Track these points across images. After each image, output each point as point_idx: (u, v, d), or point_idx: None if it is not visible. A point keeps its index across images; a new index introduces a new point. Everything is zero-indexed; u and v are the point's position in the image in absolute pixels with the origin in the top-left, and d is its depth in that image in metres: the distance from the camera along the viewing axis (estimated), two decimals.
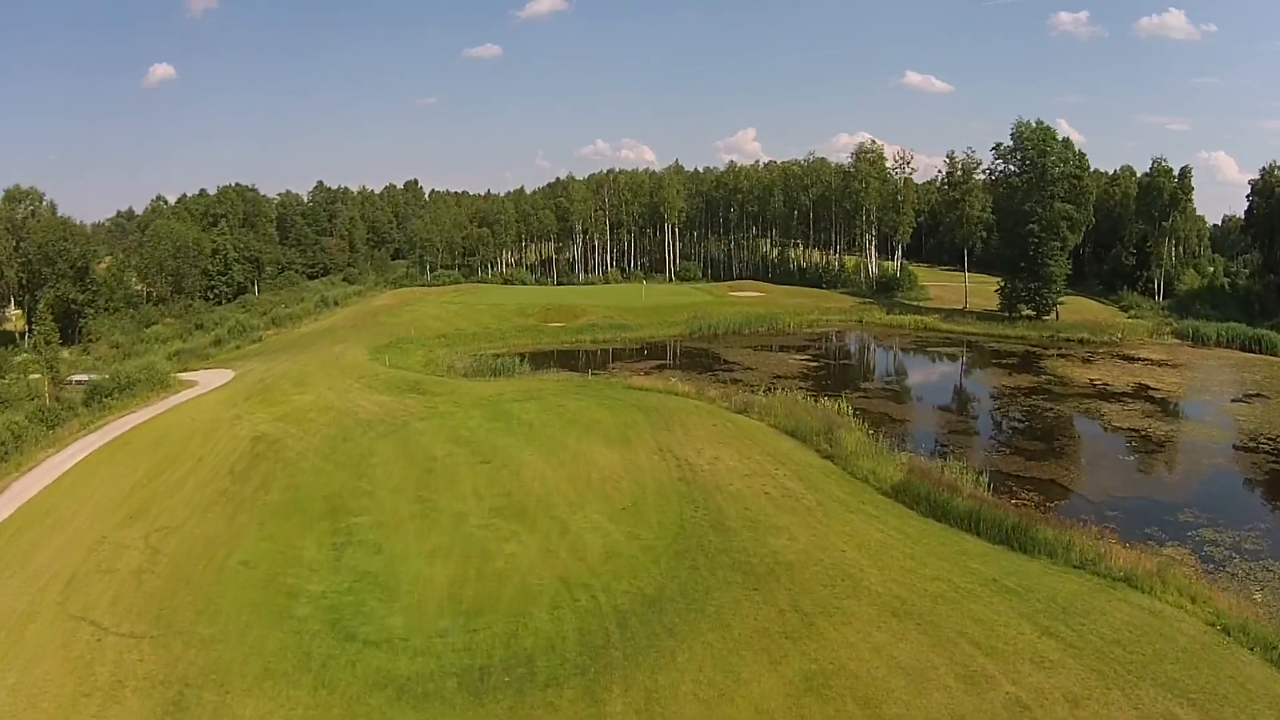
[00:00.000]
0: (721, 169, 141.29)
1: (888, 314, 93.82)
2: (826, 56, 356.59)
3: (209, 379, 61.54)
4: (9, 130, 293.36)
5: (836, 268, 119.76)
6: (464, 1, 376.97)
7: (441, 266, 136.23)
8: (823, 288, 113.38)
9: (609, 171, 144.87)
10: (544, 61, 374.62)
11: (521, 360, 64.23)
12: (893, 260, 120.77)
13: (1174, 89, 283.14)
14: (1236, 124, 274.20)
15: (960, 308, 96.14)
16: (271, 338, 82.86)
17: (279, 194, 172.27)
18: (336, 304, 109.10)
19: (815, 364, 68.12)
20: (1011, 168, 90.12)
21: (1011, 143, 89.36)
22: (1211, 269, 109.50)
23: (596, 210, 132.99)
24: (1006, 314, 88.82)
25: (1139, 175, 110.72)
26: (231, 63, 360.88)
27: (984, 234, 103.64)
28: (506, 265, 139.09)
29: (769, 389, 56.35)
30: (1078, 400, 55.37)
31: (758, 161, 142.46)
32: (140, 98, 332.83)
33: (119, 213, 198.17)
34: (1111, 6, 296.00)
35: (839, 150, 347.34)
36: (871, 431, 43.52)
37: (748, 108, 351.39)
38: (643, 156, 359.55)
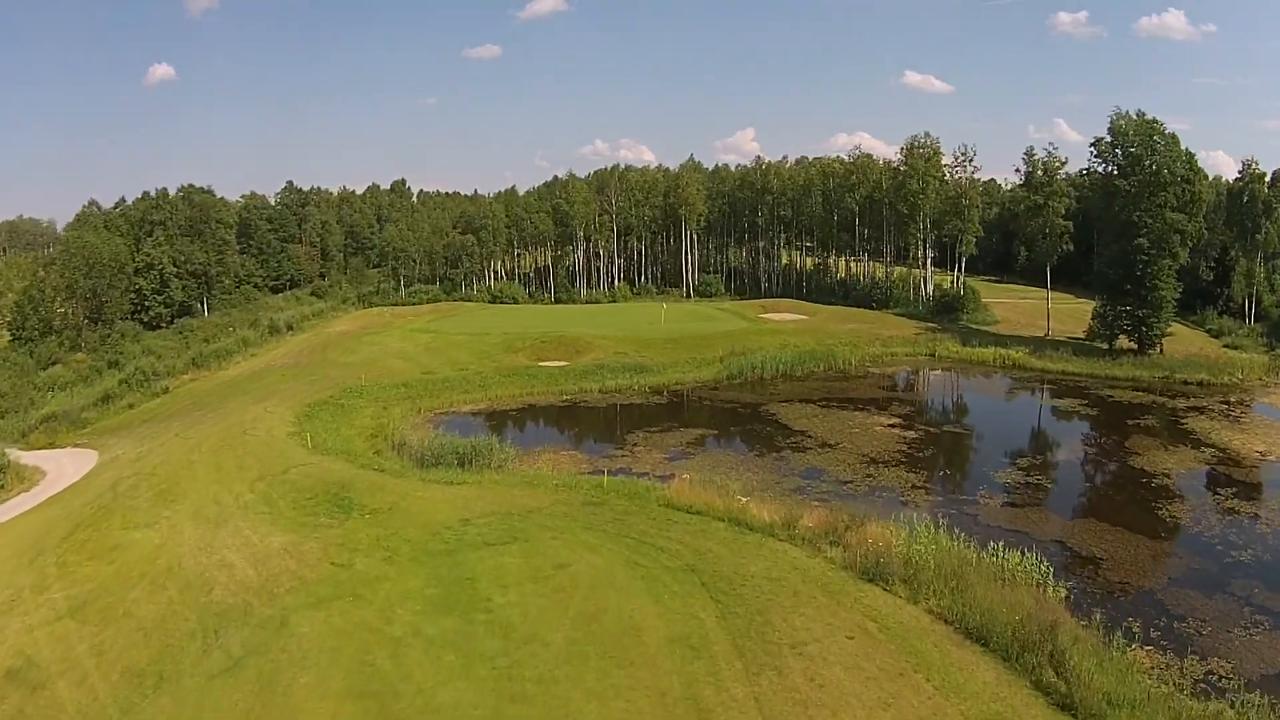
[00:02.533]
0: (747, 165, 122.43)
1: (962, 345, 75.66)
2: (825, 56, 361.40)
3: (61, 470, 43.18)
4: (11, 130, 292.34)
5: (888, 283, 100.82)
6: (464, 2, 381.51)
7: (420, 280, 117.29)
8: (872, 307, 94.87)
9: (614, 168, 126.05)
10: (544, 62, 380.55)
11: (503, 438, 45.49)
12: (951, 273, 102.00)
13: (1174, 89, 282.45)
14: (1237, 124, 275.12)
15: (1043, 335, 79.41)
16: (185, 386, 63.94)
17: (243, 195, 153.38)
18: (290, 329, 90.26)
19: (912, 433, 49.44)
20: (1113, 169, 72.74)
21: (1109, 138, 72.17)
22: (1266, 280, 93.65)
23: (601, 214, 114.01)
24: (1106, 346, 71.79)
25: (1214, 178, 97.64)
26: (231, 63, 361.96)
27: (1069, 245, 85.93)
28: (496, 277, 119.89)
29: (873, 493, 38.13)
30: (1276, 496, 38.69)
31: (785, 157, 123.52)
32: (140, 98, 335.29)
33: None
34: (1111, 7, 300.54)
35: (838, 150, 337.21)
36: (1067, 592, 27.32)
37: (746, 108, 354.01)
38: (641, 156, 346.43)
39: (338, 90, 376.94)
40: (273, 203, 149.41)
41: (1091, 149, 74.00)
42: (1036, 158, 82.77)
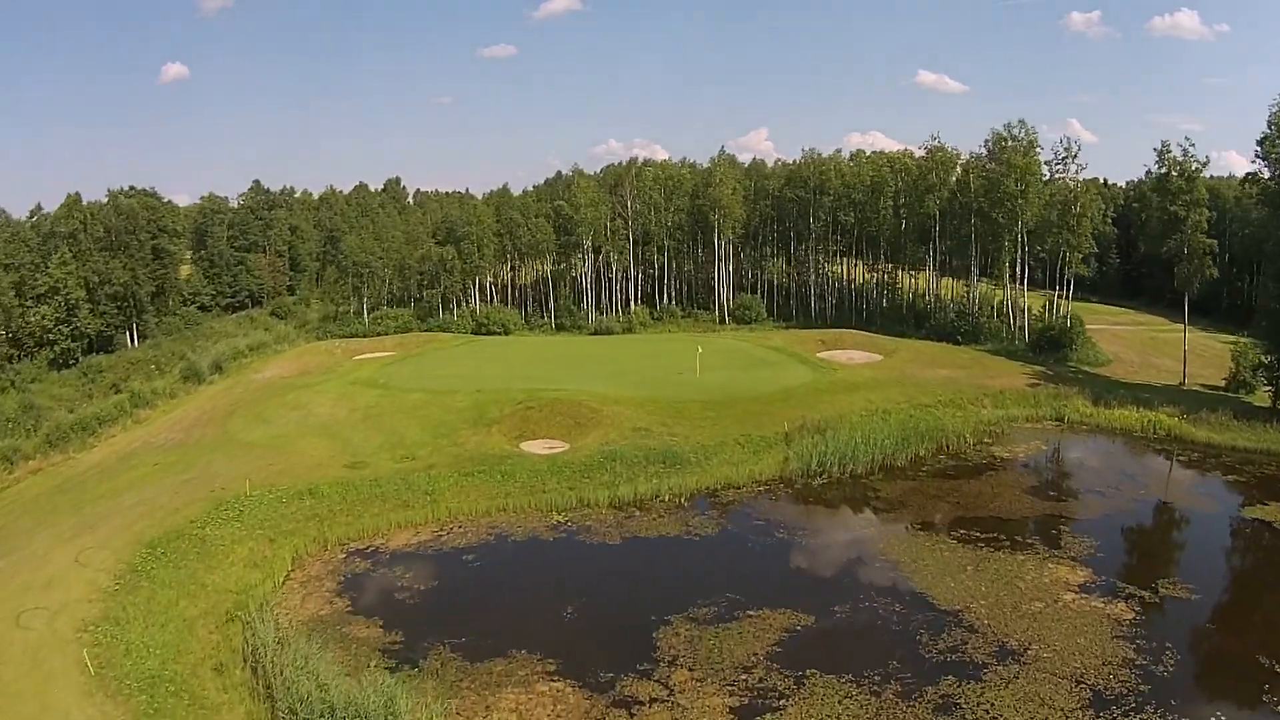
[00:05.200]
0: (792, 160, 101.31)
1: (1093, 404, 56.06)
2: (839, 56, 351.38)
3: None
4: (18, 129, 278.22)
5: (974, 309, 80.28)
6: (480, 1, 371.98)
7: (391, 300, 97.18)
8: (958, 341, 74.75)
9: (631, 163, 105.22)
10: (558, 61, 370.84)
11: (440, 634, 25.55)
12: (1047, 294, 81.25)
13: (1186, 89, 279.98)
14: (1248, 123, 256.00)
15: (1178, 383, 61.50)
16: (19, 484, 44.14)
17: (201, 198, 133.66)
18: (219, 370, 70.69)
19: (1122, 607, 28.96)
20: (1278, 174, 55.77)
21: (1271, 131, 55.18)
22: None
23: (614, 218, 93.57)
24: (1271, 404, 54.10)
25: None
26: (245, 62, 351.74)
27: (1214, 270, 65.35)
28: (484, 296, 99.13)
29: None
30: None
31: (839, 151, 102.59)
32: (154, 97, 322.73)
33: None
34: (1124, 7, 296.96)
35: (850, 150, 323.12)
36: None
37: (760, 108, 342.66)
38: (656, 155, 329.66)
39: (352, 89, 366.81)
40: (234, 205, 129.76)
41: (1257, 148, 56.82)
42: (1171, 156, 62.43)
